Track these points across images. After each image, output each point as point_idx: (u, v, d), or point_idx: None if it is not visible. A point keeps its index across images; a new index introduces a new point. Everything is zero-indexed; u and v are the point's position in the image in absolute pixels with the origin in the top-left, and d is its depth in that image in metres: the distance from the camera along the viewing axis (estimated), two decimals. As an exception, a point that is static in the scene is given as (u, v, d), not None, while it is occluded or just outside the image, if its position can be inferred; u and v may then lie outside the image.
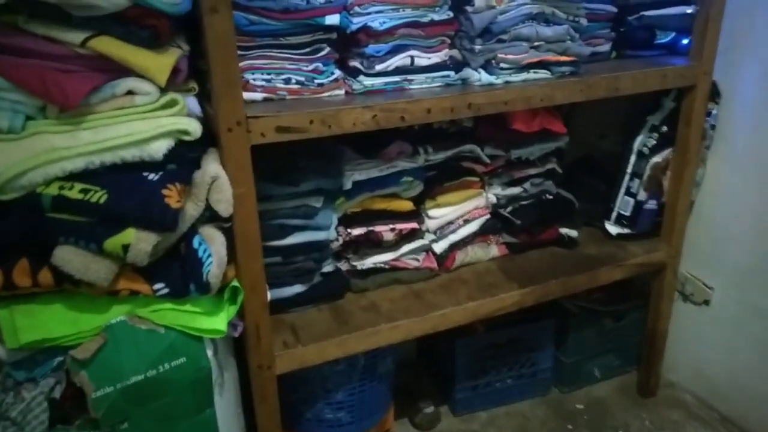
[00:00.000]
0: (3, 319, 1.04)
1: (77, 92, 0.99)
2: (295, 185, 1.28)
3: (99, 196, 1.01)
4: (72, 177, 1.02)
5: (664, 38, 1.58)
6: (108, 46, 1.01)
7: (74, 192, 1.01)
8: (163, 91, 1.07)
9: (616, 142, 1.77)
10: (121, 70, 1.04)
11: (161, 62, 1.04)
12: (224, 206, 1.11)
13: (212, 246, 1.11)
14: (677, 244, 1.68)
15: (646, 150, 1.62)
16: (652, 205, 1.65)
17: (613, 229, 1.70)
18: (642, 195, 1.64)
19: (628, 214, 1.66)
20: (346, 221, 1.42)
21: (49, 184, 1.02)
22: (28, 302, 1.06)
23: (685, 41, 1.56)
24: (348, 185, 1.37)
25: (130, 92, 1.05)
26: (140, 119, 1.05)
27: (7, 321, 1.04)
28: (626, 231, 1.69)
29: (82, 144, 1.02)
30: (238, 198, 1.11)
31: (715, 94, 1.61)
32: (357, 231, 1.42)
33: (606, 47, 1.57)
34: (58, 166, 1.01)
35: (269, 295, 1.23)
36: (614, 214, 1.69)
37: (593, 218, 1.75)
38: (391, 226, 1.45)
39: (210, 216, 1.12)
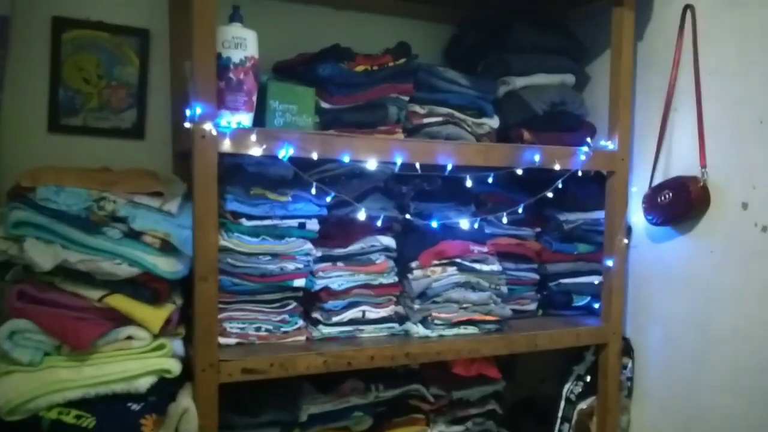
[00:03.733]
0: None
1: (89, 336, 1.28)
2: (255, 416, 1.50)
3: (89, 422, 1.23)
4: (69, 404, 1.26)
5: (581, 301, 1.91)
6: (119, 302, 1.32)
7: (70, 417, 1.24)
8: (156, 336, 1.35)
9: (554, 387, 1.99)
10: (124, 320, 1.33)
11: (157, 315, 1.34)
12: (190, 435, 1.32)
13: (176, 471, 1.30)
14: (609, 488, 1.81)
15: (573, 397, 1.84)
16: (582, 450, 1.83)
17: (549, 470, 1.85)
18: (572, 439, 1.82)
19: (561, 457, 1.83)
20: (300, 452, 1.60)
21: (51, 409, 1.25)
22: None
23: (596, 305, 1.87)
24: (303, 418, 1.58)
25: (129, 337, 1.33)
26: (133, 359, 1.32)
27: None
28: (560, 473, 1.83)
29: (83, 378, 1.28)
30: (202, 429, 1.33)
31: (629, 350, 1.88)
32: (309, 462, 1.59)
33: (532, 306, 1.89)
34: (61, 395, 1.25)
35: None
36: (549, 457, 1.85)
37: (533, 458, 1.90)
38: (341, 458, 1.63)
39: (178, 443, 1.33)
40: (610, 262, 1.79)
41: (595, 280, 1.87)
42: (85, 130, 1.73)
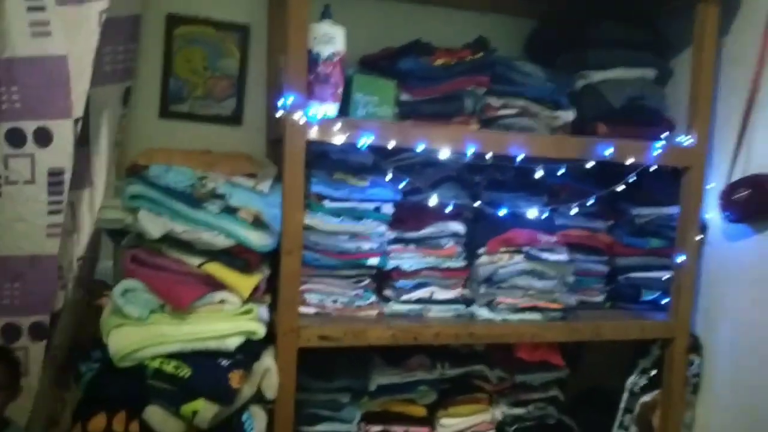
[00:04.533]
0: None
1: (188, 298, 1.46)
2: (329, 381, 1.65)
3: (185, 372, 1.42)
4: (170, 356, 1.45)
5: (650, 296, 1.91)
6: (215, 269, 1.49)
7: (170, 367, 1.42)
8: (245, 302, 1.52)
9: (619, 379, 2.02)
10: (218, 285, 1.51)
11: (247, 283, 1.51)
12: (271, 392, 1.49)
13: (256, 422, 1.47)
14: (670, 481, 1.83)
15: (636, 389, 1.87)
16: (643, 441, 1.85)
17: (609, 459, 1.88)
18: (633, 430, 1.85)
19: (621, 447, 1.86)
20: (368, 418, 1.73)
21: (154, 359, 1.44)
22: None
23: (665, 301, 1.88)
24: (372, 387, 1.71)
25: (222, 300, 1.51)
26: (224, 320, 1.49)
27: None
28: (620, 464, 1.87)
29: (182, 334, 1.46)
30: (281, 387, 1.49)
31: (697, 347, 1.88)
32: (375, 428, 1.72)
33: (600, 298, 1.92)
34: (163, 347, 1.44)
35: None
36: (610, 446, 1.89)
37: (593, 447, 1.94)
38: (405, 428, 1.75)
39: (259, 398, 1.49)
40: (681, 258, 1.79)
41: (666, 275, 1.88)
42: (191, 116, 1.93)
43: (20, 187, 1.53)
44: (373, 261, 1.67)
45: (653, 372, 1.88)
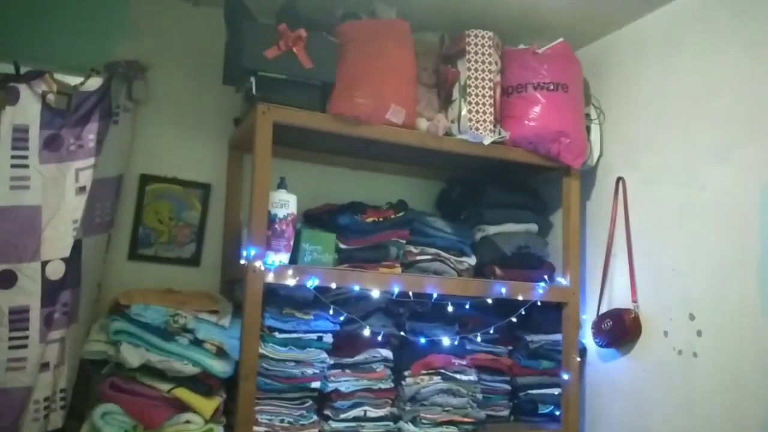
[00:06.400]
0: None
1: (159, 419, 1.71)
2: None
3: (154, 486, 1.63)
4: (140, 473, 1.66)
5: (546, 409, 2.30)
6: (182, 393, 1.76)
7: (140, 482, 1.64)
8: (206, 422, 1.77)
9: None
10: (184, 407, 1.76)
11: (209, 405, 1.78)
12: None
13: None
14: None
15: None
16: None
17: None
18: None
19: None
20: None
21: (125, 477, 1.65)
22: None
23: (558, 413, 2.27)
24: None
25: (187, 421, 1.76)
26: (189, 439, 1.74)
27: None
28: None
29: (152, 451, 1.69)
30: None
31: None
32: None
33: (505, 413, 2.28)
34: (134, 464, 1.66)
35: None
36: None
37: None
38: None
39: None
40: (566, 376, 2.21)
41: (557, 391, 2.28)
42: (155, 258, 2.24)
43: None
44: (316, 384, 1.97)
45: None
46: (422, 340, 2.14)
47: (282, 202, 1.93)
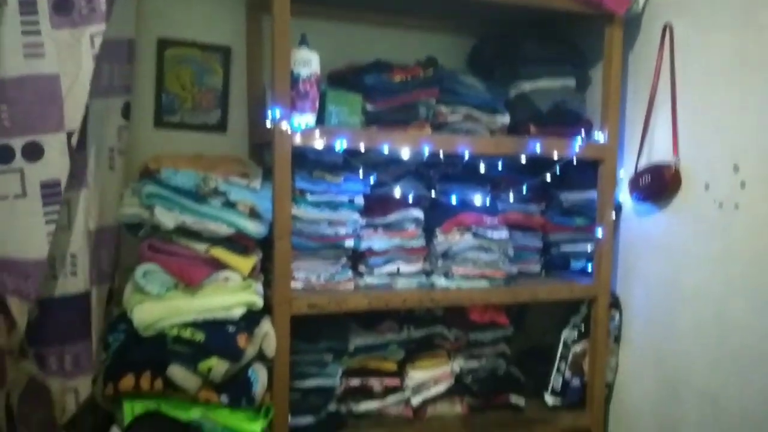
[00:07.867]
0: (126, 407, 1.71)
1: (198, 277, 1.77)
2: (315, 344, 1.98)
3: (200, 337, 1.72)
4: (186, 325, 1.75)
5: (578, 264, 2.32)
6: (219, 253, 1.80)
7: (186, 333, 1.73)
8: (245, 279, 1.84)
9: (556, 337, 2.41)
10: (222, 266, 1.82)
11: (246, 263, 1.82)
12: (270, 352, 1.81)
13: (259, 376, 1.79)
14: (597, 414, 2.23)
15: (569, 341, 2.26)
16: (576, 382, 2.25)
17: (549, 400, 2.27)
18: (568, 374, 2.24)
19: (558, 389, 2.25)
20: (348, 373, 2.07)
21: (172, 328, 1.74)
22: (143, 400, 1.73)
23: (590, 268, 2.28)
24: (351, 348, 2.05)
25: (226, 278, 1.82)
26: (229, 294, 1.80)
27: (129, 409, 1.71)
28: (558, 402, 2.26)
29: (194, 306, 1.76)
30: (278, 348, 1.81)
31: (617, 304, 2.28)
32: (354, 381, 2.07)
33: (536, 268, 2.31)
34: (179, 318, 1.74)
35: (290, 419, 1.86)
36: (550, 389, 2.27)
37: (536, 392, 2.32)
38: (380, 380, 2.09)
39: (260, 356, 1.81)
40: (600, 232, 2.19)
41: (590, 247, 2.27)
42: (182, 125, 2.22)
43: (11, 202, 1.66)
44: (349, 243, 2.01)
45: (583, 326, 2.27)
46: (453, 200, 2.12)
47: (304, 61, 1.85)
